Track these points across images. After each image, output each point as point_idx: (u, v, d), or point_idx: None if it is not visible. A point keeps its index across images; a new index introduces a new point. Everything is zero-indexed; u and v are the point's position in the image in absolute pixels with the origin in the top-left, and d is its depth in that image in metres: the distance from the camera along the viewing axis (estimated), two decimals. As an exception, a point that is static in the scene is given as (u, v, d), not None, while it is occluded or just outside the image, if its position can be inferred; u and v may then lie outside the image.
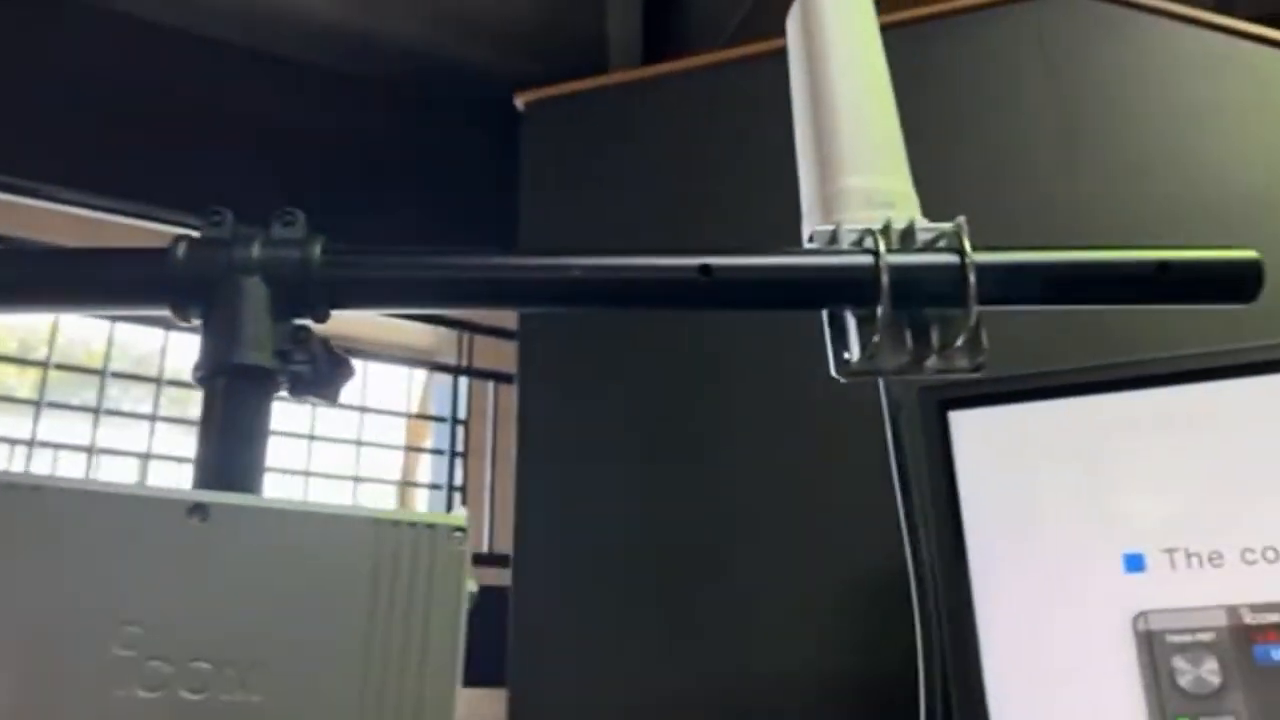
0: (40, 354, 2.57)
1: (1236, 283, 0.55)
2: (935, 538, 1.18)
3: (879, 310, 0.53)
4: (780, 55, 0.68)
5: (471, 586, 0.38)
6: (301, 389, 0.51)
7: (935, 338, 0.55)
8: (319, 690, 0.34)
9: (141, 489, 0.35)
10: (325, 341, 0.52)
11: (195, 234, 0.50)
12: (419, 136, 2.81)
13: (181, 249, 0.49)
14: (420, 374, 3.11)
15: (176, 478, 2.51)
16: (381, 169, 2.73)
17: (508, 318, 1.78)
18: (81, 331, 2.62)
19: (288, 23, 2.62)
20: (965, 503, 1.21)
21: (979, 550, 1.18)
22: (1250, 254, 0.55)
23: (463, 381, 3.01)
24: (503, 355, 2.74)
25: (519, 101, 1.84)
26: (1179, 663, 1.08)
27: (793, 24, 0.66)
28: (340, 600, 0.36)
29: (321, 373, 0.51)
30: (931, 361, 0.56)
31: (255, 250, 0.49)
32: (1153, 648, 1.09)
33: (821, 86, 0.62)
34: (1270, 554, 1.08)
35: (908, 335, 0.55)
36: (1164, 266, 0.54)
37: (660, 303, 0.54)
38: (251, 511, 0.37)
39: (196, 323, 0.50)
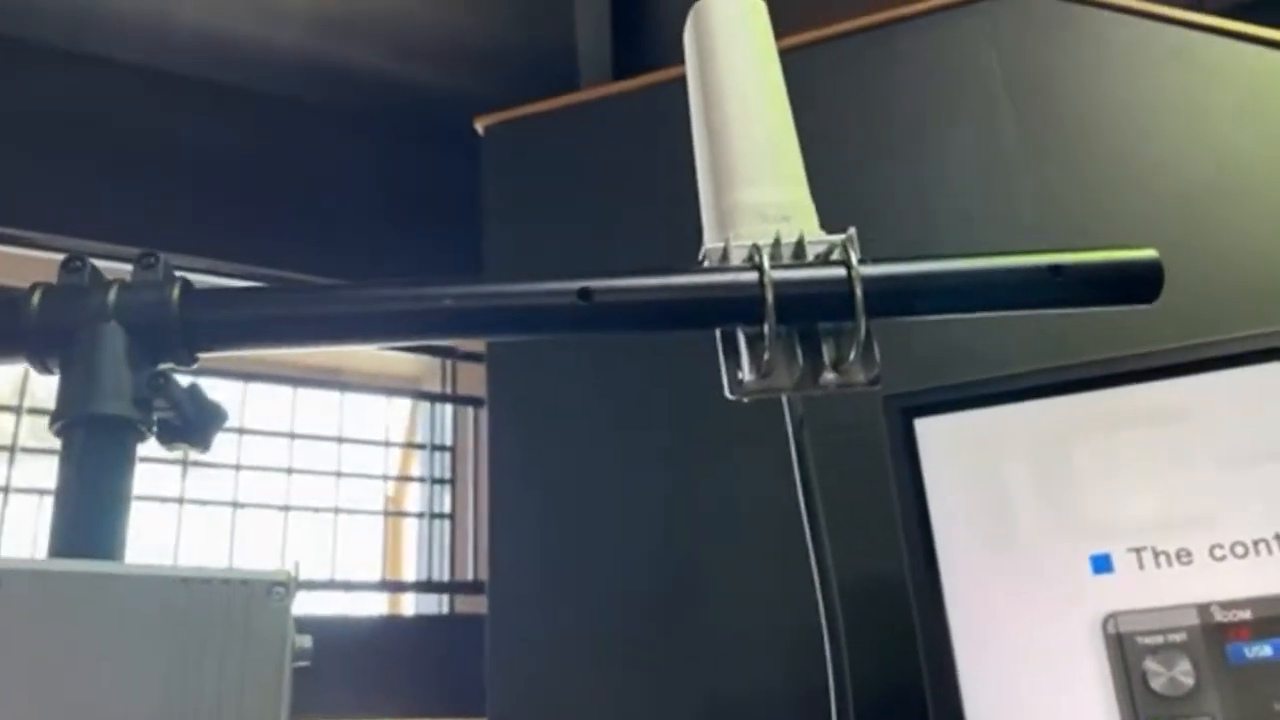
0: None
1: (1135, 283, 0.53)
2: (905, 544, 1.17)
3: (766, 328, 0.52)
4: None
5: (304, 642, 0.37)
6: (170, 436, 0.50)
7: (828, 352, 0.54)
8: (121, 761, 0.33)
9: (-79, 557, 0.34)
10: (193, 387, 0.50)
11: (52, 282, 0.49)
12: (387, 164, 2.81)
13: (36, 298, 0.48)
14: (404, 403, 3.10)
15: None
16: (350, 198, 2.73)
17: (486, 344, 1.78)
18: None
19: (248, 55, 2.62)
20: (934, 509, 1.20)
21: (950, 556, 1.16)
22: (1149, 253, 0.54)
23: (448, 408, 3.00)
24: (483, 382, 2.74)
25: (478, 125, 1.84)
26: (1151, 665, 1.06)
27: (688, 36, 0.65)
28: (144, 665, 0.34)
29: (189, 419, 0.50)
30: (828, 376, 0.54)
31: (112, 296, 0.48)
32: (1124, 650, 1.07)
33: (713, 99, 0.61)
34: (1239, 549, 1.06)
35: (799, 351, 0.54)
36: (1057, 269, 0.52)
37: (540, 330, 0.53)
38: (46, 576, 0.35)
39: (56, 374, 0.49)
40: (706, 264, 0.56)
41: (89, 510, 0.45)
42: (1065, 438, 1.17)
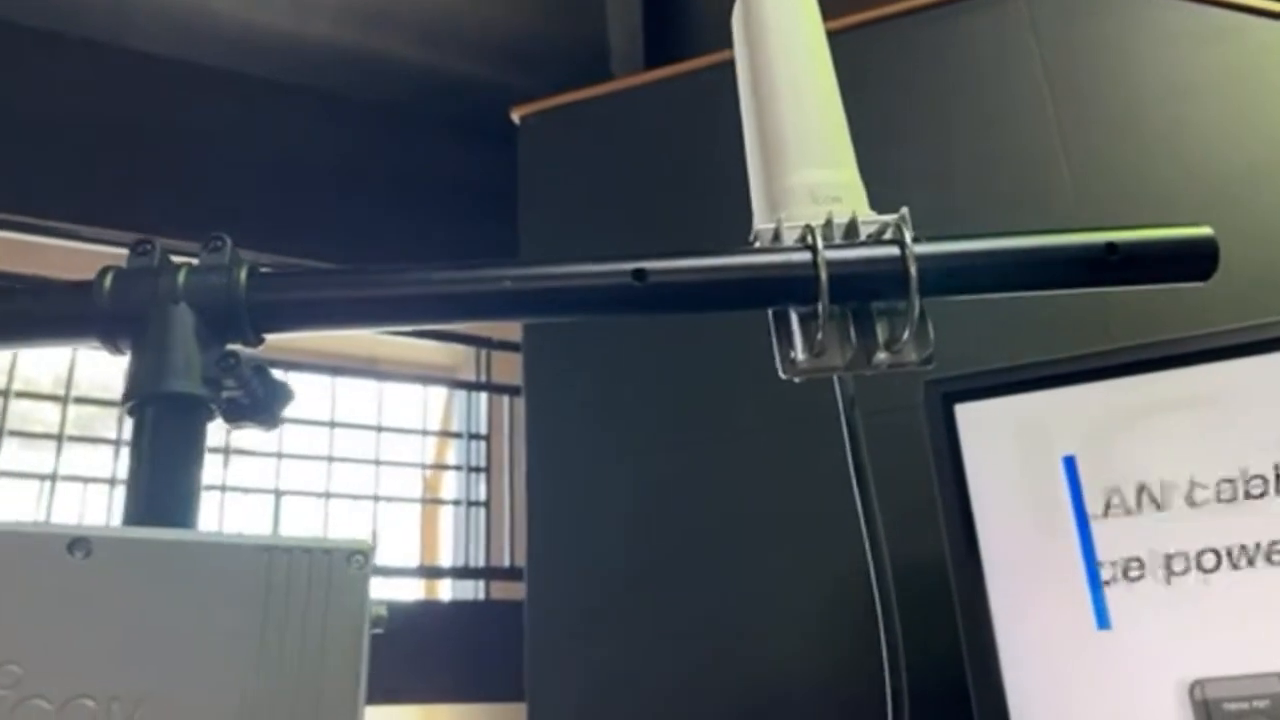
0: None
1: (1190, 261, 0.53)
2: (946, 531, 1.16)
3: (820, 307, 0.52)
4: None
5: (380, 610, 0.38)
6: (237, 416, 0.51)
7: (881, 332, 0.54)
8: (209, 722, 0.34)
9: (20, 525, 0.35)
10: (260, 366, 0.51)
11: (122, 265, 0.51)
12: (421, 156, 2.83)
13: (108, 281, 0.49)
14: (440, 391, 3.13)
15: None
16: (384, 190, 2.75)
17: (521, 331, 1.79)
18: None
19: (283, 48, 2.65)
20: (975, 495, 1.19)
21: (992, 543, 1.16)
22: (1204, 230, 0.53)
23: (483, 397, 3.02)
24: (520, 369, 2.75)
25: (514, 115, 1.84)
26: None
27: (736, 21, 0.66)
28: (229, 630, 0.35)
29: (257, 398, 0.51)
30: (880, 356, 0.54)
31: (180, 278, 0.49)
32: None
33: (763, 82, 0.62)
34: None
35: (852, 331, 0.54)
36: (1112, 247, 0.52)
37: (595, 310, 0.53)
38: (134, 544, 0.36)
39: (127, 354, 0.50)
40: (758, 245, 0.56)
41: (162, 486, 0.47)
42: (1110, 422, 1.16)
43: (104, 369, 2.66)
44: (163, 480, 0.46)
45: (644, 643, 1.46)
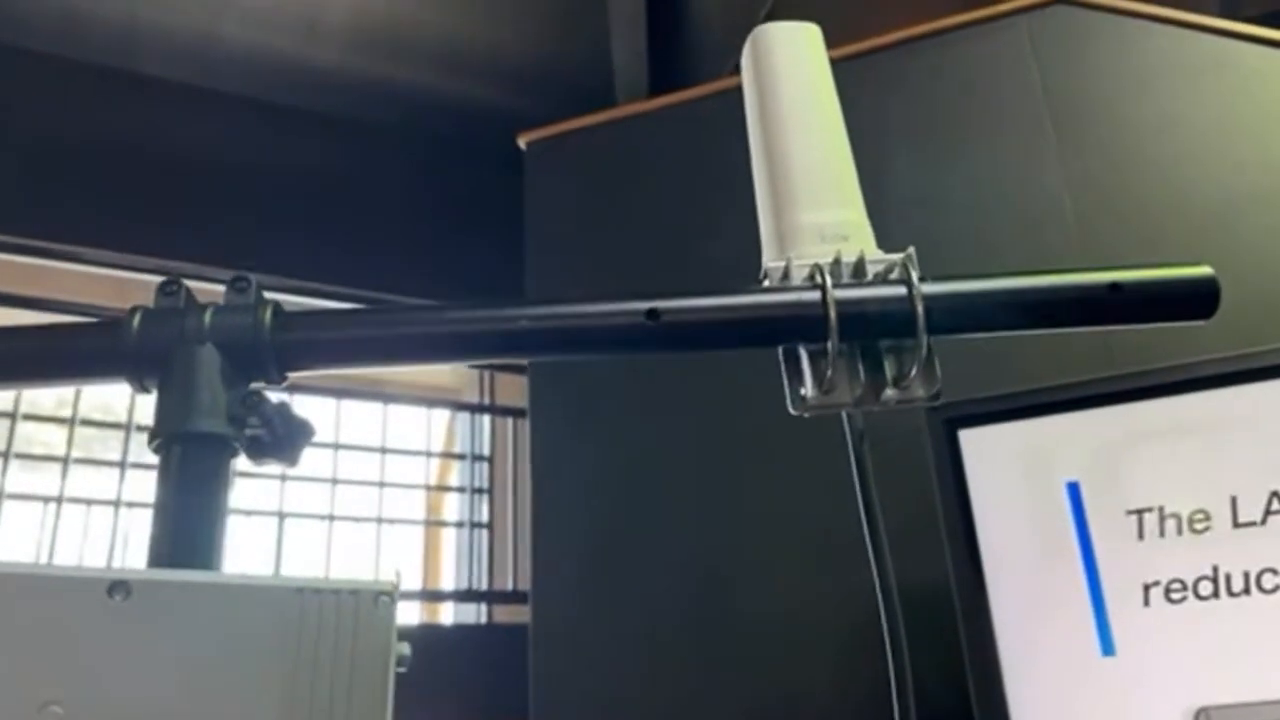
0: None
1: (1192, 300, 0.54)
2: (951, 560, 1.17)
3: (829, 345, 0.53)
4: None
5: (404, 649, 0.39)
6: (259, 453, 0.52)
7: (890, 369, 0.55)
8: (244, 761, 0.35)
9: (62, 570, 0.36)
10: (282, 404, 0.53)
11: (149, 305, 0.52)
12: (428, 179, 2.85)
13: (136, 321, 0.51)
14: (444, 414, 3.14)
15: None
16: (390, 212, 2.77)
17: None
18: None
19: (292, 72, 2.68)
20: (980, 521, 1.20)
21: (997, 569, 1.16)
22: (1205, 270, 0.55)
23: (486, 419, 3.04)
24: (524, 391, 2.77)
25: (521, 141, 1.86)
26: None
27: (745, 60, 0.67)
28: (264, 670, 0.36)
29: (279, 436, 0.52)
30: (888, 393, 0.56)
31: (207, 319, 0.50)
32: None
33: (772, 123, 0.63)
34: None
35: (861, 368, 0.55)
36: (1116, 287, 0.53)
37: (611, 349, 0.54)
38: (172, 586, 0.38)
39: (154, 394, 0.51)
40: (768, 283, 0.58)
41: (188, 523, 0.48)
42: (1113, 448, 1.16)
43: (106, 392, 2.67)
44: (190, 519, 0.47)
45: (650, 666, 1.46)
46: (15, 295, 2.37)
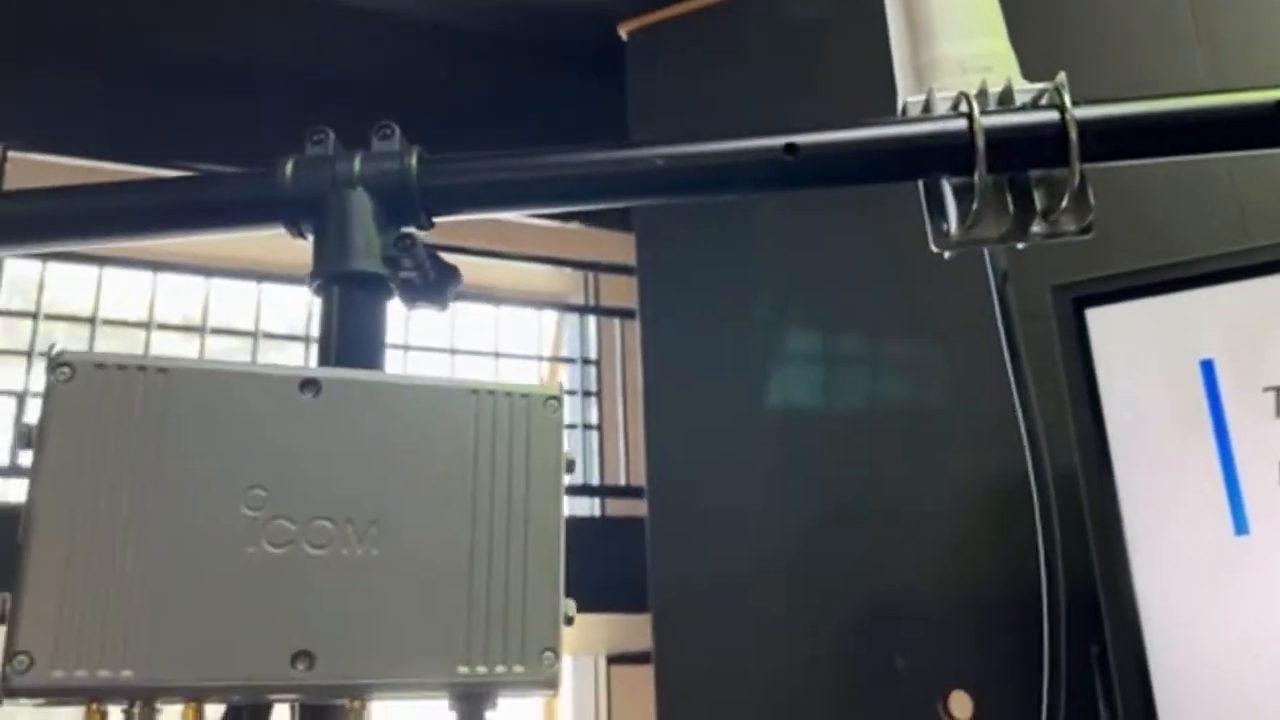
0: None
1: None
2: (1077, 444, 1.14)
3: (976, 176, 0.52)
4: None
5: (570, 454, 0.40)
6: (412, 296, 0.54)
7: (1039, 201, 0.53)
8: (432, 545, 0.38)
9: (259, 367, 0.39)
10: (431, 250, 0.54)
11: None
12: (527, 84, 2.84)
13: (289, 168, 0.52)
14: (550, 317, 3.18)
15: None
16: (489, 119, 2.77)
17: (632, 254, 1.80)
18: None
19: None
20: (1108, 402, 1.16)
21: (1126, 451, 1.13)
22: (1387, 81, 0.51)
23: (592, 322, 3.06)
24: (629, 292, 2.78)
25: (622, 31, 1.83)
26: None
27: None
28: (446, 462, 0.38)
29: (430, 279, 0.53)
30: (1036, 227, 0.54)
31: (357, 164, 0.52)
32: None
33: (908, -46, 0.60)
34: None
35: (1009, 200, 0.53)
36: (1286, 103, 0.50)
37: (748, 186, 0.54)
38: (359, 384, 0.40)
39: (309, 238, 0.53)
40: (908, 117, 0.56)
41: (350, 358, 0.50)
42: (1250, 324, 1.11)
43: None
44: (350, 354, 0.49)
45: (765, 552, 1.48)
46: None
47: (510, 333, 3.00)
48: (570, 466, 0.41)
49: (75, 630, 0.34)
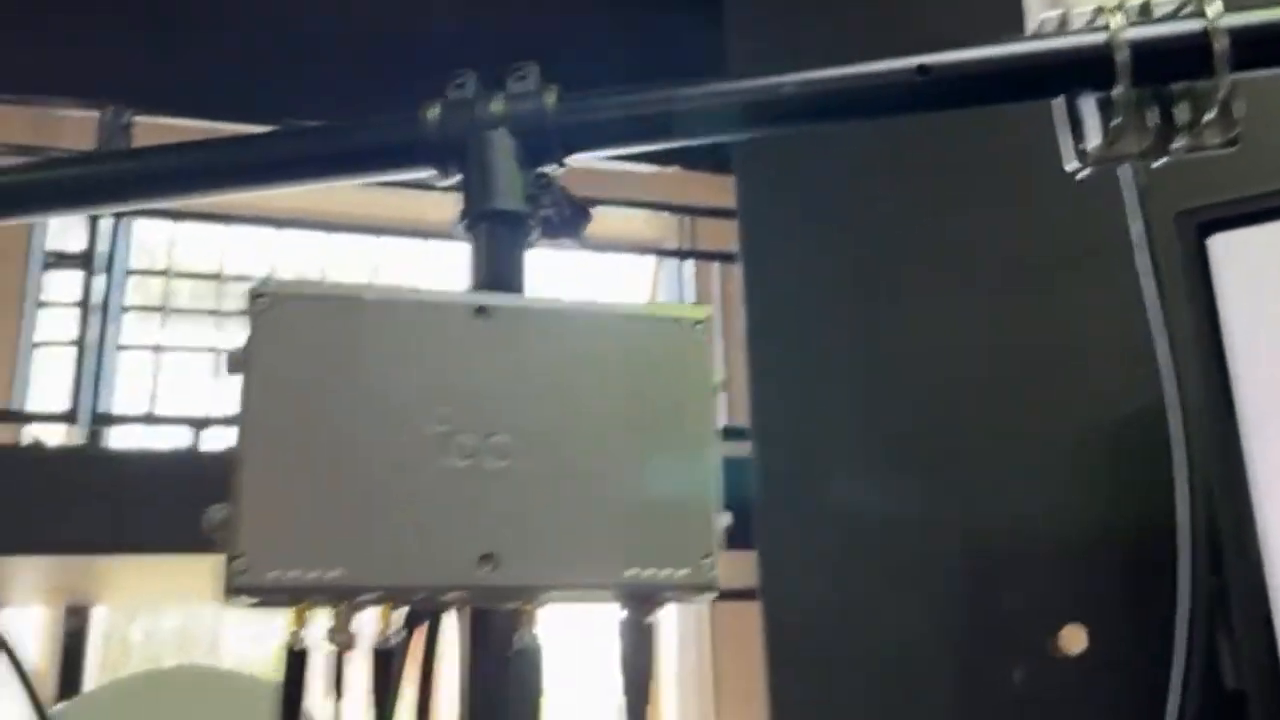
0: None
1: None
2: (1199, 374, 1.11)
3: (1118, 89, 0.51)
4: None
5: (718, 376, 0.42)
6: (550, 232, 0.56)
7: (1182, 114, 0.52)
8: (597, 458, 0.40)
9: (437, 294, 0.41)
10: (564, 188, 0.56)
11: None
12: (623, 30, 2.82)
13: (435, 111, 0.54)
14: (648, 263, 3.19)
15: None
16: (589, 65, 2.76)
17: (729, 197, 1.79)
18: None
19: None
20: (1229, 338, 1.13)
21: (1250, 385, 1.10)
22: None
23: (689, 268, 3.07)
24: (725, 236, 2.76)
25: (720, -31, 1.80)
26: None
27: None
28: (605, 383, 0.41)
29: (565, 216, 0.55)
30: (1179, 142, 0.53)
31: (499, 105, 0.54)
32: None
33: None
34: None
35: (1151, 114, 0.52)
36: None
37: (879, 110, 0.54)
38: (524, 311, 0.42)
39: (455, 179, 0.55)
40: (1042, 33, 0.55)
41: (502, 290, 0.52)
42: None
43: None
44: (500, 288, 0.52)
45: (875, 489, 1.48)
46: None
47: (608, 278, 3.03)
48: (716, 389, 0.43)
49: (288, 535, 0.37)
